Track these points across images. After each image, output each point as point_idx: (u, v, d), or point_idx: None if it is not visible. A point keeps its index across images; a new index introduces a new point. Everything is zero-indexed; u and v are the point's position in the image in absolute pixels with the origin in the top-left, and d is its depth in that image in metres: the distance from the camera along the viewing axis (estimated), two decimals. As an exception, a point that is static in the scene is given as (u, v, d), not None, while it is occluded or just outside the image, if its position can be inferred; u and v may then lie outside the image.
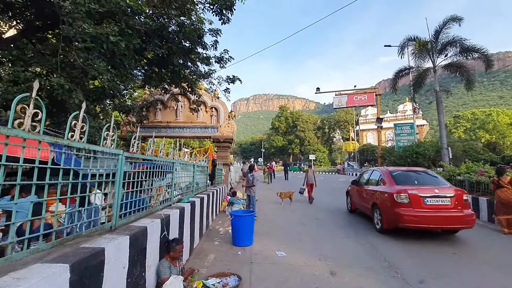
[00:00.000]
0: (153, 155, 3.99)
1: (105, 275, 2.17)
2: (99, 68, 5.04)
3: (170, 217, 3.90)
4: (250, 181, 8.73)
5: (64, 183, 2.07)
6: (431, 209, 5.99)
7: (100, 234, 2.56)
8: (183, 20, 7.04)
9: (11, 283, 1.45)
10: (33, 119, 1.73)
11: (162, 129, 13.50)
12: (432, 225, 6.04)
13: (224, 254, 5.31)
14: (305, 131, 71.02)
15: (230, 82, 10.22)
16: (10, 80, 5.21)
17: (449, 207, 6.00)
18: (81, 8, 4.42)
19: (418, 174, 7.33)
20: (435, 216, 5.93)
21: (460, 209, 6.00)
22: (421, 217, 5.91)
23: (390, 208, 6.36)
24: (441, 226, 6.15)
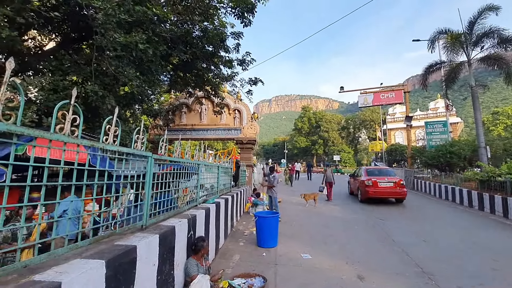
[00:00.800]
0: (179, 157, 4.12)
1: (137, 272, 2.27)
2: (129, 75, 5.31)
3: (196, 217, 4.00)
4: (271, 182, 8.80)
5: (100, 184, 2.20)
6: (383, 188, 11.34)
7: (132, 232, 2.69)
8: (206, 25, 7.21)
9: (54, 277, 1.57)
10: (72, 124, 1.86)
11: (187, 131, 13.89)
12: (383, 196, 11.52)
13: (249, 255, 5.34)
14: (329, 131, 69.49)
15: (252, 84, 10.29)
16: (50, 88, 5.64)
17: (392, 187, 11.37)
18: (112, 19, 4.69)
19: (381, 170, 13.29)
20: (384, 192, 11.39)
21: (398, 188, 11.31)
22: (377, 192, 11.29)
23: (363, 188, 11.68)
24: (387, 197, 11.64)
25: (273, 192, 8.72)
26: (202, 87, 9.98)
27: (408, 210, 10.47)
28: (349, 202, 12.11)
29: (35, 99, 5.89)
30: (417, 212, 9.99)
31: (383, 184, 11.30)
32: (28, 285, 1.43)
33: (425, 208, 10.98)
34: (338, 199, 8.46)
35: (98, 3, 4.58)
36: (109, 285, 1.89)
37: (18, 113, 1.48)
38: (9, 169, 1.46)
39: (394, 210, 10.32)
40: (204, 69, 9.24)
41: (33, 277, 1.54)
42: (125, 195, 2.82)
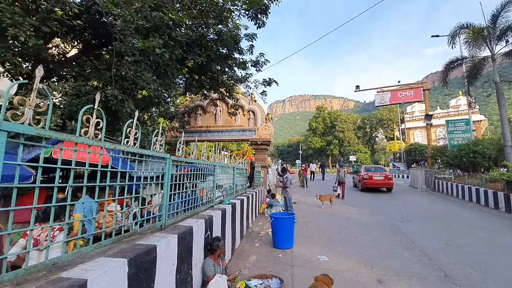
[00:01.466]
0: (196, 158, 4.18)
1: (157, 270, 2.33)
2: (147, 79, 5.46)
3: (213, 218, 4.04)
4: (284, 182, 8.78)
5: (122, 185, 2.27)
6: (376, 180, 15.83)
7: (152, 232, 2.76)
8: (221, 28, 7.30)
9: (80, 274, 1.63)
10: (95, 128, 1.94)
11: (202, 133, 14.09)
12: (376, 186, 15.99)
13: (265, 256, 5.34)
14: (345, 131, 68.29)
15: (266, 85, 10.30)
16: (73, 93, 5.89)
17: (383, 180, 15.85)
18: (131, 25, 4.85)
19: (375, 167, 18.80)
20: (377, 183, 15.86)
21: (387, 180, 15.79)
22: (372, 183, 15.87)
23: (362, 180, 16.40)
24: (379, 186, 16.06)
25: (288, 193, 8.69)
26: (216, 89, 10.10)
27: (429, 212, 10.11)
28: (362, 202, 11.86)
29: (59, 104, 6.17)
30: (439, 214, 9.62)
31: (376, 177, 16.00)
32: (57, 282, 1.50)
33: (447, 210, 10.56)
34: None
35: (117, 10, 4.75)
36: (131, 282, 1.95)
37: (46, 117, 1.57)
38: (39, 171, 1.54)
39: (414, 212, 10.00)
40: (218, 71, 9.35)
41: (61, 274, 1.62)
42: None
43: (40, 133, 1.46)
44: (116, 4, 4.99)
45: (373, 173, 16.17)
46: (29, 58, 5.82)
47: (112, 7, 4.74)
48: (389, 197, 14.16)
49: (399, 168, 37.73)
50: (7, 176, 1.39)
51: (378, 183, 15.80)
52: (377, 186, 15.92)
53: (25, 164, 1.58)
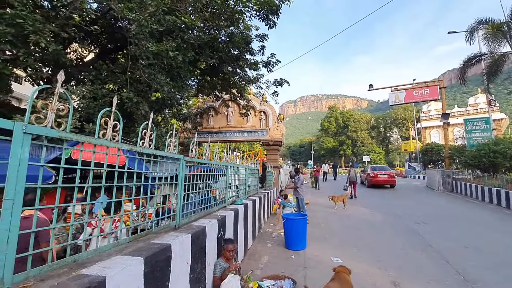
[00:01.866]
0: (208, 159, 4.23)
1: (172, 269, 2.38)
2: (160, 81, 5.58)
3: (226, 218, 4.08)
4: (295, 182, 8.82)
5: (138, 185, 2.33)
6: (381, 178, 18.14)
7: (166, 231, 2.81)
8: (232, 30, 7.36)
9: (99, 271, 1.69)
10: (113, 130, 2.00)
11: (214, 134, 14.22)
12: (380, 183, 18.32)
13: (277, 256, 5.33)
14: (358, 131, 67.13)
15: (278, 85, 10.29)
16: (90, 97, 6.09)
17: (387, 177, 18.16)
18: (145, 29, 4.97)
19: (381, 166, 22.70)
20: (381, 180, 18.17)
21: (390, 178, 18.13)
22: (377, 180, 18.16)
23: (369, 178, 18.62)
24: (384, 183, 18.36)
25: (299, 193, 8.67)
26: (228, 90, 10.19)
27: (447, 213, 9.80)
28: (376, 203, 11.61)
29: (77, 107, 6.40)
30: (457, 216, 9.30)
31: (381, 175, 18.18)
32: (77, 279, 1.56)
33: (466, 212, 10.20)
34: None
35: (132, 15, 4.88)
36: (147, 280, 1.99)
37: (67, 120, 1.63)
38: (60, 172, 1.60)
39: (431, 214, 9.72)
40: (230, 72, 9.43)
41: (81, 271, 1.68)
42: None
43: (62, 136, 1.52)
44: (131, 9, 5.13)
45: (378, 171, 18.76)
46: (49, 63, 6.06)
47: (127, 12, 4.87)
48: (404, 198, 13.83)
49: (415, 169, 36.71)
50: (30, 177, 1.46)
51: (383, 180, 18.15)
52: (382, 183, 18.33)
53: (46, 165, 1.66)
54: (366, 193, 15.81)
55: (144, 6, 5.30)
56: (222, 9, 6.80)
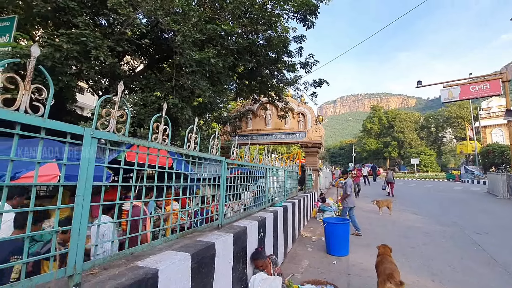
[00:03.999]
0: (248, 161, 4.31)
1: (216, 266, 2.48)
2: (203, 87, 5.87)
3: (266, 219, 4.11)
4: (344, 189, 7.71)
5: (185, 185, 2.48)
6: None
7: (210, 230, 2.94)
8: (270, 34, 7.43)
9: (152, 264, 1.84)
10: (163, 134, 2.16)
11: (253, 136, 14.41)
12: None
13: (318, 261, 5.20)
14: (404, 131, 62.44)
15: (316, 86, 10.09)
16: (141, 104, 6.64)
17: None
18: (189, 39, 5.29)
19: None
20: None
21: None
22: None
23: None
24: None
25: (346, 202, 7.53)
26: (266, 93, 10.27)
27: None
28: (426, 208, 10.61)
29: (130, 113, 7.04)
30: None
31: None
32: (134, 269, 1.72)
33: (540, 223, 8.83)
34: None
35: (177, 27, 5.22)
36: (194, 275, 2.11)
37: (125, 125, 1.81)
38: (120, 172, 1.79)
39: (494, 223, 8.62)
40: (268, 75, 9.51)
41: (136, 263, 1.85)
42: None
43: (122, 139, 1.70)
44: (176, 21, 5.50)
45: None
46: (106, 74, 6.76)
47: (173, 24, 5.23)
48: (462, 205, 12.48)
49: (473, 172, 32.82)
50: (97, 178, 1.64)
51: None
52: None
53: (109, 166, 1.85)
54: (417, 198, 14.64)
55: (188, 17, 5.63)
56: (260, 14, 6.92)
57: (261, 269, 3.47)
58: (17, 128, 1.19)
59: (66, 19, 5.75)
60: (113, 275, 1.62)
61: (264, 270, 3.50)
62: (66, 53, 4.87)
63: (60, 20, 5.90)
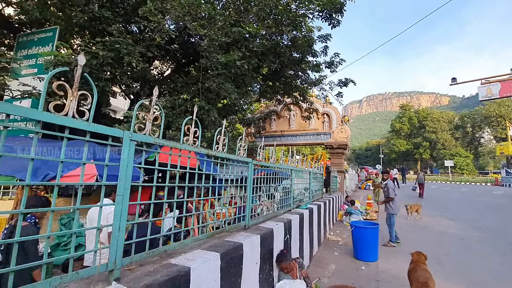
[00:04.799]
0: (274, 162, 4.31)
1: (243, 267, 2.50)
2: (228, 89, 5.97)
3: (292, 221, 4.08)
4: (385, 192, 6.81)
5: (214, 186, 2.53)
6: None
7: (237, 231, 2.98)
8: (295, 34, 7.38)
9: (184, 262, 1.90)
10: (193, 136, 2.23)
11: (276, 137, 14.38)
12: None
13: (345, 266, 5.06)
14: (437, 131, 58.86)
15: (342, 86, 9.85)
16: (169, 106, 6.88)
17: None
18: (215, 42, 5.41)
19: None
20: None
21: None
22: None
23: None
24: None
25: (389, 208, 6.57)
26: (290, 94, 10.21)
27: None
28: (460, 214, 9.89)
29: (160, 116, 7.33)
30: None
31: None
32: (168, 267, 1.78)
33: None
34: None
35: (203, 31, 5.36)
36: (223, 275, 2.15)
37: (160, 128, 1.89)
38: (155, 172, 1.87)
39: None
40: (292, 76, 9.45)
41: (170, 260, 1.91)
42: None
43: (156, 141, 1.77)
44: (203, 25, 5.64)
45: None
46: (137, 79, 7.09)
47: (200, 29, 5.38)
48: (501, 210, 11.50)
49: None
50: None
51: None
52: None
53: (147, 167, 1.94)
54: (451, 202, 13.75)
55: (214, 21, 5.76)
56: (284, 15, 6.90)
57: (286, 271, 3.44)
58: (66, 131, 1.29)
59: (101, 28, 6.13)
60: (149, 271, 1.69)
61: (289, 272, 3.47)
62: (102, 60, 5.18)
63: (96, 29, 6.30)
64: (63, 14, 6.31)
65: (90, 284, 1.44)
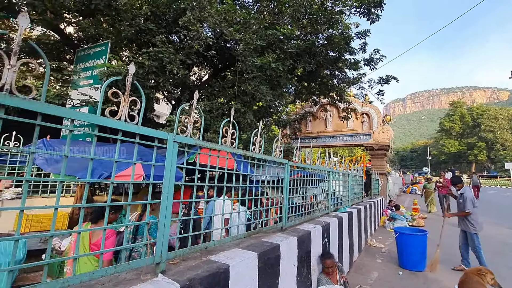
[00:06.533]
0: (311, 164, 4.23)
1: (281, 268, 2.50)
2: (263, 92, 6.03)
3: (330, 225, 3.97)
4: (461, 204, 5.20)
5: (255, 187, 2.57)
6: None
7: (274, 232, 2.98)
8: (331, 32, 7.20)
9: (224, 260, 1.96)
10: (231, 137, 2.29)
11: (312, 139, 14.10)
12: None
13: (389, 275, 4.76)
14: (495, 130, 52.66)
15: (383, 83, 9.33)
16: (207, 110, 7.16)
17: None
18: (250, 46, 5.51)
19: None
20: None
21: None
22: None
23: None
24: None
25: (468, 225, 5.03)
26: (326, 94, 9.95)
27: None
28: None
29: (198, 119, 7.67)
30: None
31: None
32: (209, 263, 1.86)
33: None
34: None
35: (239, 36, 5.50)
36: (261, 274, 2.17)
37: (200, 131, 1.99)
38: (196, 172, 1.96)
39: None
40: (328, 75, 9.21)
41: (210, 257, 1.99)
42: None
43: (197, 143, 1.87)
44: (238, 30, 5.79)
45: None
46: (178, 85, 7.51)
47: (236, 34, 5.53)
48: None
49: None
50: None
51: None
52: None
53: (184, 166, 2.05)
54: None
55: (249, 25, 5.88)
56: (319, 14, 6.77)
57: (327, 273, 3.39)
58: (120, 134, 1.43)
59: (146, 39, 6.62)
60: (191, 266, 1.78)
61: (329, 275, 3.40)
62: (147, 69, 5.59)
63: (142, 41, 6.82)
64: (113, 29, 6.94)
65: (139, 274, 1.56)
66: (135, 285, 1.41)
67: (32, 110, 1.08)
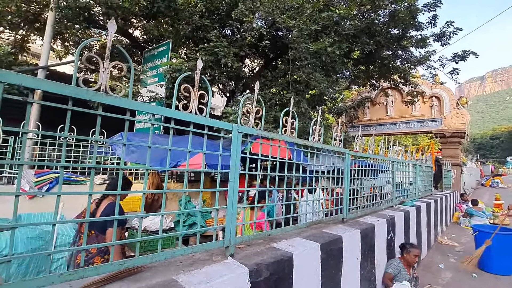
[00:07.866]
0: (373, 153, 3.96)
1: (343, 261, 2.43)
2: (318, 79, 5.80)
3: (395, 219, 3.69)
4: None
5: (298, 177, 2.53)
6: None
7: (335, 223, 2.90)
8: (394, 7, 6.50)
9: (287, 248, 1.98)
10: (290, 127, 2.27)
11: (370, 127, 13.16)
12: None
13: (466, 276, 4.26)
14: None
15: (459, 61, 8.11)
16: (260, 100, 7.24)
17: None
18: (304, 32, 5.32)
19: None
20: None
21: None
22: None
23: None
24: None
25: None
26: (387, 77, 9.12)
27: None
28: None
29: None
30: None
31: None
32: (273, 250, 1.90)
33: None
34: None
35: (292, 22, 5.35)
36: (323, 265, 2.14)
37: (262, 121, 2.01)
38: (258, 162, 2.01)
39: None
40: (389, 56, 8.40)
41: (273, 244, 2.04)
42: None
43: (259, 133, 1.90)
44: (290, 16, 5.63)
45: None
46: (232, 78, 7.72)
47: (289, 21, 5.39)
48: None
49: None
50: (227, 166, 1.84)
51: None
52: None
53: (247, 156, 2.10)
54: None
55: (302, 10, 5.67)
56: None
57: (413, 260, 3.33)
58: (191, 126, 1.53)
59: (202, 36, 6.92)
60: (256, 252, 1.85)
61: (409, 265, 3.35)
62: (204, 64, 5.87)
63: (198, 37, 7.16)
64: (173, 29, 7.43)
65: (211, 256, 1.68)
66: (209, 265, 1.52)
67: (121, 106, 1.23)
